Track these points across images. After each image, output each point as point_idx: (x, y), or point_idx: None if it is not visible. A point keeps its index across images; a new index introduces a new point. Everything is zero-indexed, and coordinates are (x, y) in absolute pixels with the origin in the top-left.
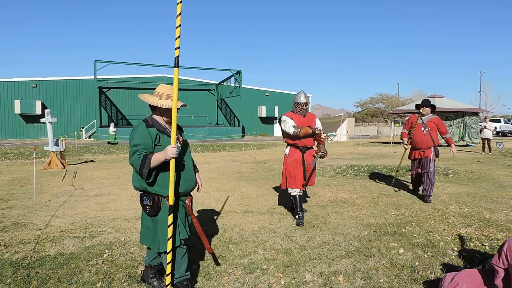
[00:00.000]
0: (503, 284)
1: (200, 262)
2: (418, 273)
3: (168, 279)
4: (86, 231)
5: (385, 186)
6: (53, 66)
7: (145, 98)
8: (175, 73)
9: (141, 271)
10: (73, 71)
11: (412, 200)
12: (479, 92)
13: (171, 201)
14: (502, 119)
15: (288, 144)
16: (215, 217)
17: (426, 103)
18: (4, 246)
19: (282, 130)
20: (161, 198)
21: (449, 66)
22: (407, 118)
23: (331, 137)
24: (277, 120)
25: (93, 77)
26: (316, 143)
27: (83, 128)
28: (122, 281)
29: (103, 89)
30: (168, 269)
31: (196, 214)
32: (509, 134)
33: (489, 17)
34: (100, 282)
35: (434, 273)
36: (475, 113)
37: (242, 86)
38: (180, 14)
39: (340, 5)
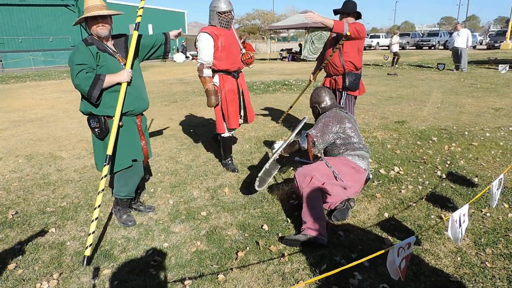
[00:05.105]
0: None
1: (81, 195)
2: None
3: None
4: None
5: (263, 101)
6: None
7: (78, 21)
8: None
9: (116, 209)
10: None
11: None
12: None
13: (114, 129)
14: (381, 34)
15: (214, 70)
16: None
17: (347, 8)
18: None
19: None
20: (107, 119)
21: None
22: (282, 34)
23: None
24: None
25: None
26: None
27: None
28: None
29: None
30: (101, 185)
31: (77, 144)
32: (367, 48)
33: None
34: None
35: None
36: None
37: (108, 1)
38: None
39: None
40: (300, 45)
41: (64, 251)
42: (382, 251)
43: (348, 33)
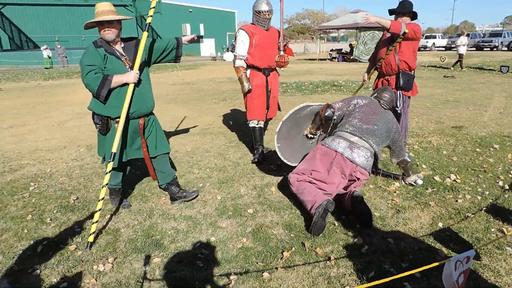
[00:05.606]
0: None
1: (136, 186)
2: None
3: (102, 192)
4: (5, 165)
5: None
6: None
7: (87, 24)
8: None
9: (111, 198)
10: None
11: None
12: None
13: (120, 129)
14: (437, 35)
15: (248, 66)
16: None
17: (403, 8)
18: None
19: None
20: (109, 120)
21: None
22: (332, 34)
23: None
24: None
25: None
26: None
27: None
28: (55, 211)
29: None
30: (106, 179)
31: None
32: (422, 48)
33: None
34: (30, 215)
35: None
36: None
37: (163, 1)
38: None
39: None
40: (350, 45)
41: (119, 237)
42: (437, 263)
43: (407, 30)
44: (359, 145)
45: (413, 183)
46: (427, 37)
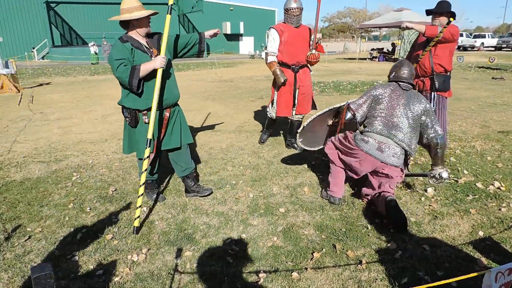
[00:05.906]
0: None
1: (171, 180)
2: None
3: (143, 178)
4: (51, 155)
5: None
6: None
7: (116, 17)
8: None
9: (145, 191)
10: None
11: None
12: None
13: (152, 116)
14: (464, 33)
15: (277, 62)
16: None
17: (440, 8)
18: None
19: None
20: (137, 112)
21: None
22: (373, 33)
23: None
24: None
25: None
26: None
27: (34, 48)
28: (94, 201)
29: (50, 4)
30: (145, 165)
31: None
32: (469, 48)
33: None
34: (71, 204)
35: None
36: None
37: (205, 0)
38: None
39: None
40: (393, 44)
41: (153, 229)
42: (476, 274)
43: (448, 25)
44: (388, 144)
45: (437, 176)
46: (475, 36)
